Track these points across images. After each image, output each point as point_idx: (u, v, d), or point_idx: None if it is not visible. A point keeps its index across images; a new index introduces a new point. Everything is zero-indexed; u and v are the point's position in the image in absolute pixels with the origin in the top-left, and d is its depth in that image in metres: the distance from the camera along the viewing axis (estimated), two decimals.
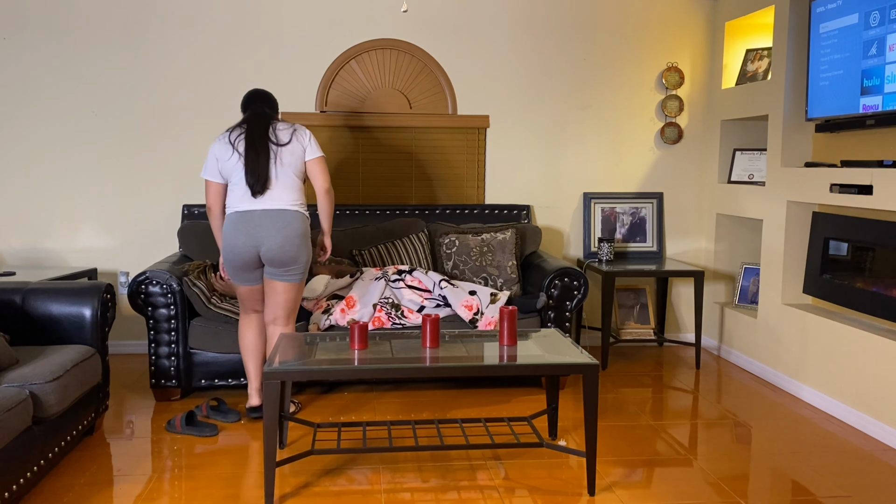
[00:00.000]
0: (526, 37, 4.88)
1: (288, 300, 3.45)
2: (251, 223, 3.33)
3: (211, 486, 2.89)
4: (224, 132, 3.47)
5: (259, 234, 3.32)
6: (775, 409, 3.85)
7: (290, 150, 3.39)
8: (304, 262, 3.43)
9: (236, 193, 3.39)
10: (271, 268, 3.39)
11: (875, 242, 3.63)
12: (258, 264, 3.41)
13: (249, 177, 3.32)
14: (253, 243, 3.33)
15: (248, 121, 3.43)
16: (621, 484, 2.93)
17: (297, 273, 3.43)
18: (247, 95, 3.56)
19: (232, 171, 3.40)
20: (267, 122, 3.41)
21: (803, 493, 2.87)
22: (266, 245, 3.32)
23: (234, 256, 3.37)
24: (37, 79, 4.58)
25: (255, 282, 3.48)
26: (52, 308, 3.24)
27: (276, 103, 3.58)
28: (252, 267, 3.41)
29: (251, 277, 3.46)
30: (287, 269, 3.39)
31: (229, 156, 3.39)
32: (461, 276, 4.38)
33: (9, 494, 2.54)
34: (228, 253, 3.38)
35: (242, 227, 3.33)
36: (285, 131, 3.42)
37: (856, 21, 3.61)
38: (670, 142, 5.03)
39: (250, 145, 3.35)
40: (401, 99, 4.81)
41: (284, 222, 3.33)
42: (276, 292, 3.43)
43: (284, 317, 3.48)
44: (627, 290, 5.03)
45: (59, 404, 2.82)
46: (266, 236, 3.32)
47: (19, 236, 4.67)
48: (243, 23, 4.67)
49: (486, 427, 3.16)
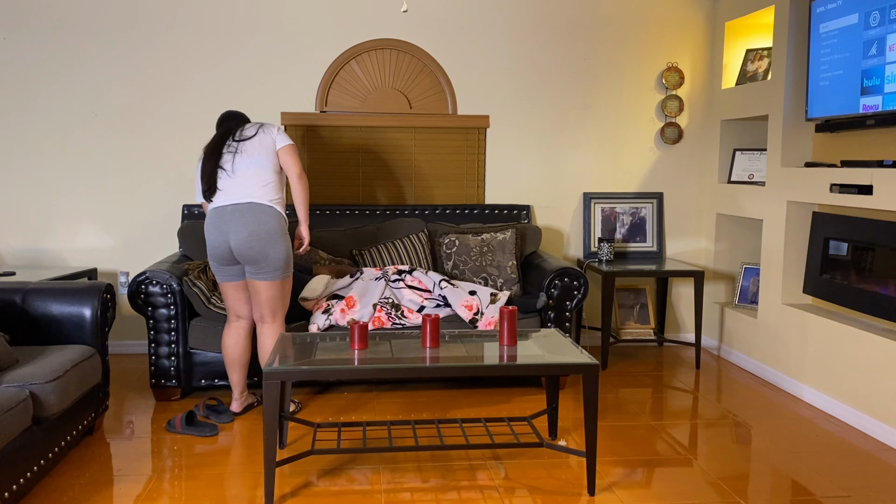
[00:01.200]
0: (526, 37, 4.88)
1: (270, 299, 3.44)
2: (221, 218, 3.36)
3: (211, 486, 2.89)
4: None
5: (227, 229, 3.34)
6: (775, 409, 3.85)
7: (256, 141, 3.42)
8: (277, 260, 3.36)
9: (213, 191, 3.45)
10: (248, 266, 3.40)
11: (875, 242, 3.63)
12: (233, 260, 3.42)
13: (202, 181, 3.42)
14: (223, 238, 3.36)
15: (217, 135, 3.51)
16: (621, 484, 2.93)
17: (271, 271, 3.38)
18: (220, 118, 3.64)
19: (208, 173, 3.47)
20: (230, 131, 3.48)
21: (803, 493, 2.87)
22: (233, 240, 3.33)
23: (211, 251, 3.42)
24: (37, 79, 4.58)
25: (232, 278, 3.48)
26: (52, 308, 3.24)
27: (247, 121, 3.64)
28: (226, 262, 3.43)
29: (229, 273, 3.47)
30: (259, 267, 3.37)
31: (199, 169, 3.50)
32: (461, 276, 4.38)
33: (9, 494, 2.54)
34: (208, 248, 3.44)
35: (215, 221, 3.37)
36: (251, 128, 3.48)
37: (856, 21, 3.61)
38: (670, 142, 5.03)
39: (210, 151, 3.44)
40: (401, 99, 4.81)
41: (251, 217, 3.32)
42: (256, 292, 3.44)
43: (269, 314, 3.48)
44: (627, 290, 5.03)
45: (59, 404, 2.82)
46: (232, 231, 3.33)
47: (19, 236, 4.67)
48: (243, 23, 4.67)
49: (486, 427, 3.16)
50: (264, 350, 3.52)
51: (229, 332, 3.59)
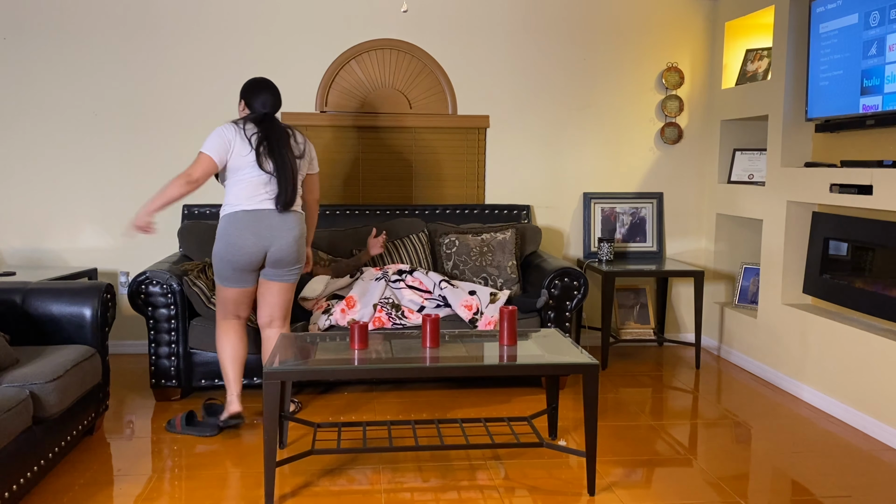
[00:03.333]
0: (526, 37, 4.88)
1: (286, 301, 3.46)
2: (262, 223, 3.26)
3: (211, 486, 2.89)
4: (234, 123, 3.30)
5: (271, 235, 3.27)
6: (775, 409, 3.85)
7: (303, 161, 3.43)
8: (304, 262, 3.48)
9: (245, 190, 3.26)
10: (274, 269, 3.36)
11: (875, 242, 3.63)
12: (260, 265, 3.36)
13: (282, 195, 3.26)
14: (263, 244, 3.27)
15: (266, 127, 3.30)
16: (621, 484, 2.93)
17: (297, 273, 3.45)
18: (255, 85, 3.38)
19: (242, 166, 3.26)
20: (287, 133, 3.34)
21: (803, 493, 2.87)
22: (276, 245, 3.28)
23: (240, 256, 3.26)
24: (37, 79, 4.58)
25: (251, 283, 3.40)
26: (53, 308, 3.24)
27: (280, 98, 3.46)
28: (254, 268, 3.34)
29: (250, 279, 3.38)
30: (290, 270, 3.39)
31: (247, 151, 3.25)
32: (461, 276, 4.38)
33: (9, 494, 2.54)
34: (234, 252, 3.26)
35: (253, 226, 3.24)
36: (300, 145, 3.43)
37: (856, 21, 3.61)
38: (670, 142, 5.03)
39: (278, 157, 3.26)
40: (401, 99, 4.81)
41: (294, 223, 3.33)
42: (273, 293, 3.41)
43: (282, 317, 3.47)
44: (627, 290, 5.03)
45: (60, 404, 2.82)
46: (277, 237, 3.28)
47: (19, 236, 4.67)
48: (243, 23, 4.67)
49: (486, 427, 3.16)
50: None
51: (228, 328, 3.45)
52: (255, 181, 3.26)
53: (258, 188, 3.27)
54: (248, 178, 3.26)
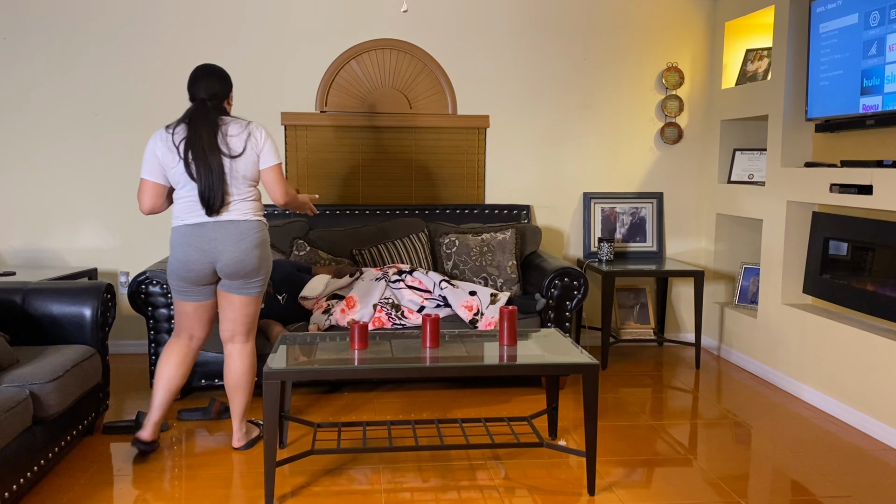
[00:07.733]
0: (526, 37, 4.88)
1: (247, 315, 3.13)
2: (203, 237, 2.98)
3: (211, 486, 2.89)
4: (164, 129, 3.02)
5: (214, 249, 2.98)
6: (775, 409, 3.85)
7: (243, 160, 2.99)
8: (266, 274, 3.11)
9: (183, 204, 3.01)
10: (230, 281, 3.06)
11: (874, 242, 3.63)
12: (213, 279, 3.09)
13: (203, 202, 2.94)
14: (208, 259, 2.99)
15: (192, 121, 2.98)
16: (621, 484, 2.93)
17: (257, 286, 3.11)
18: (193, 72, 3.07)
19: (178, 181, 3.00)
20: (215, 126, 2.97)
21: (803, 493, 2.87)
22: (223, 260, 2.99)
23: (187, 273, 3.02)
24: (37, 79, 4.58)
25: (206, 297, 3.13)
26: (53, 308, 3.24)
27: (227, 81, 3.09)
28: (205, 282, 3.08)
29: (203, 293, 3.12)
30: (247, 282, 3.06)
31: (175, 163, 2.96)
32: (461, 276, 4.38)
33: (9, 494, 2.54)
34: (180, 269, 3.02)
35: (195, 241, 2.98)
36: (238, 137, 2.99)
37: (856, 21, 3.61)
38: (670, 142, 5.03)
39: (200, 160, 2.93)
40: (401, 99, 4.81)
41: (240, 234, 2.99)
42: (233, 307, 3.10)
43: (244, 332, 3.16)
44: (627, 290, 5.03)
45: (60, 404, 2.82)
46: (222, 250, 2.98)
47: (19, 236, 4.67)
48: (243, 23, 4.67)
49: (486, 427, 3.16)
50: (239, 374, 3.16)
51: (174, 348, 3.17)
52: (192, 194, 2.99)
53: (197, 200, 2.99)
54: (184, 193, 3.01)
